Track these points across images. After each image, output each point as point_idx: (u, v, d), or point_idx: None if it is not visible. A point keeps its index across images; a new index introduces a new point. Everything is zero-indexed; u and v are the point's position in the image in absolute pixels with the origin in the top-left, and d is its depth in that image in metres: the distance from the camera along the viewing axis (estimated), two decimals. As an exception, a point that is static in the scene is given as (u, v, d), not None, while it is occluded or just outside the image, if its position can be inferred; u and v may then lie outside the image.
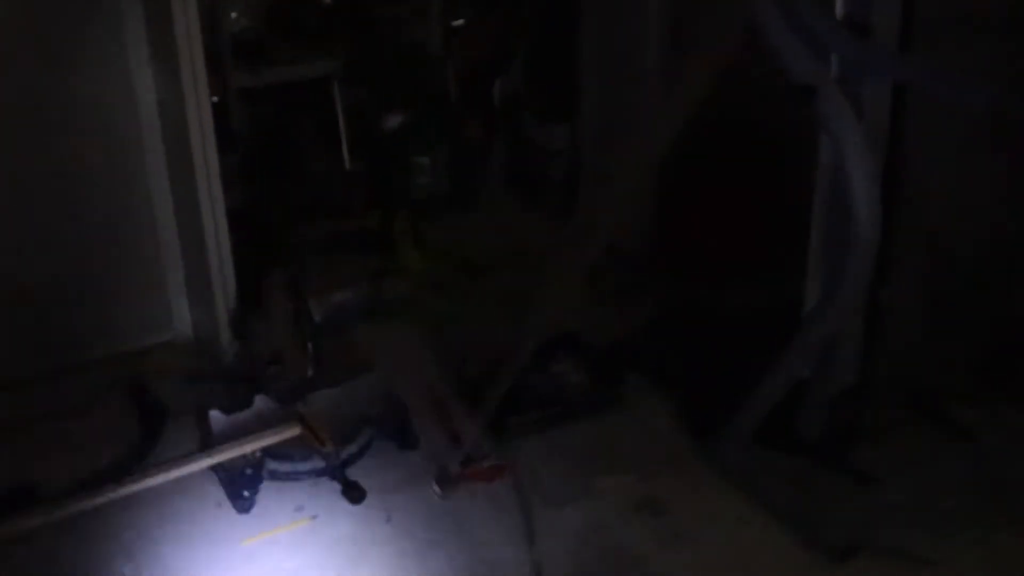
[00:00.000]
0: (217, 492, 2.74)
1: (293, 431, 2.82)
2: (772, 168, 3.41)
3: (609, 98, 3.91)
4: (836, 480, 2.72)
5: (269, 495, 2.72)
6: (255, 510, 2.68)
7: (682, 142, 3.64)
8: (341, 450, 2.78)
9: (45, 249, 3.12)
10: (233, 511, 2.68)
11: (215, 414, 2.87)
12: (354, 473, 2.77)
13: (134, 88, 3.08)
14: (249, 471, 2.70)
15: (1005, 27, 2.54)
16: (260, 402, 2.94)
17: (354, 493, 2.70)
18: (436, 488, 2.70)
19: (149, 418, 2.99)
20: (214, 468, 2.76)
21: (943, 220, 2.65)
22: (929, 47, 2.43)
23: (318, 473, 2.76)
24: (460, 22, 4.44)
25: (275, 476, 2.76)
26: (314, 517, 2.67)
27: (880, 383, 2.72)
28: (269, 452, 2.77)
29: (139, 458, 2.84)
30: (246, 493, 2.68)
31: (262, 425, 2.84)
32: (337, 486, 2.73)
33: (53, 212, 3.11)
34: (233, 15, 4.00)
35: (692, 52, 2.37)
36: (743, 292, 3.50)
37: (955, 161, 2.60)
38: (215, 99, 3.28)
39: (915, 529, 2.53)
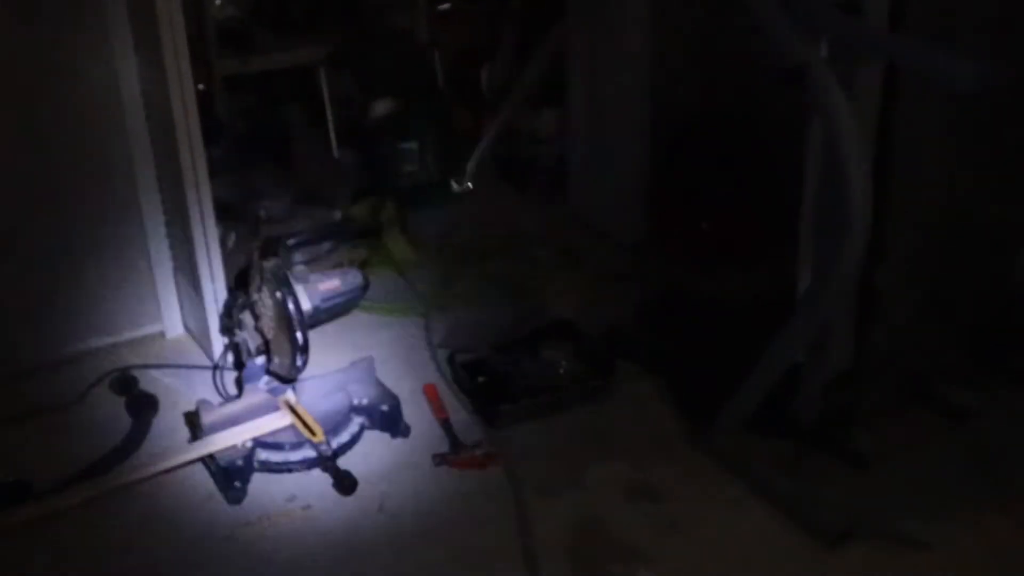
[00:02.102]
0: (208, 483, 2.72)
1: (283, 421, 2.81)
2: (762, 153, 3.40)
3: (597, 84, 3.89)
4: (831, 464, 2.71)
5: (260, 485, 2.71)
6: (246, 501, 2.66)
7: (674, 129, 3.65)
8: (332, 440, 2.76)
9: (31, 241, 3.09)
10: (224, 502, 2.66)
11: (204, 404, 2.85)
12: (346, 462, 2.75)
13: (118, 78, 3.05)
14: (240, 462, 2.68)
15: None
16: (250, 392, 2.93)
17: (346, 483, 2.68)
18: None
19: (138, 410, 2.97)
20: (204, 459, 2.74)
21: (934, 201, 2.63)
22: (919, 27, 2.42)
23: (309, 463, 2.74)
24: (446, 7, 4.42)
25: (266, 467, 2.74)
26: (306, 507, 2.65)
27: (874, 366, 2.71)
28: (260, 442, 2.76)
29: (129, 450, 2.82)
30: (237, 484, 2.66)
31: (252, 415, 2.82)
32: (329, 476, 2.71)
33: (38, 205, 3.07)
34: (217, 2, 3.98)
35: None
36: (736, 277, 3.49)
37: (946, 141, 2.58)
38: (200, 88, 3.25)
39: (910, 512, 2.53)
